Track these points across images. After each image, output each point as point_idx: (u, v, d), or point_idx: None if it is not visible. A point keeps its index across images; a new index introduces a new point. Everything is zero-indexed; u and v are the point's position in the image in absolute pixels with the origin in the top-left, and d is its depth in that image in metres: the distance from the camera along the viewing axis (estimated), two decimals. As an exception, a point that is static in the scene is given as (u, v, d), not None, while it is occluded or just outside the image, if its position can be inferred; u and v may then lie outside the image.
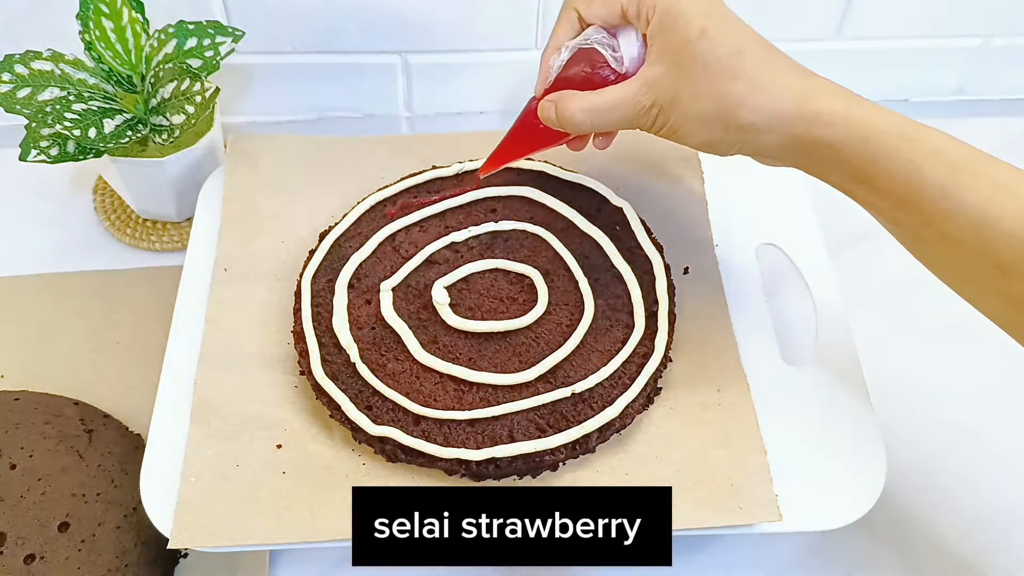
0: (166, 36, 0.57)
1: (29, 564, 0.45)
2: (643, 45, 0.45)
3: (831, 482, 0.46)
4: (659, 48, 0.43)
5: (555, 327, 0.50)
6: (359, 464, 0.47)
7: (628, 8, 0.44)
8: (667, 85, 0.42)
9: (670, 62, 0.42)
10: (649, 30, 0.43)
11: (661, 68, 0.42)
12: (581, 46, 0.46)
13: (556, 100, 0.46)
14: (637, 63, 0.45)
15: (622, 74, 0.45)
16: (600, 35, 0.45)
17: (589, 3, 0.46)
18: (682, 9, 0.42)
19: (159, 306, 0.57)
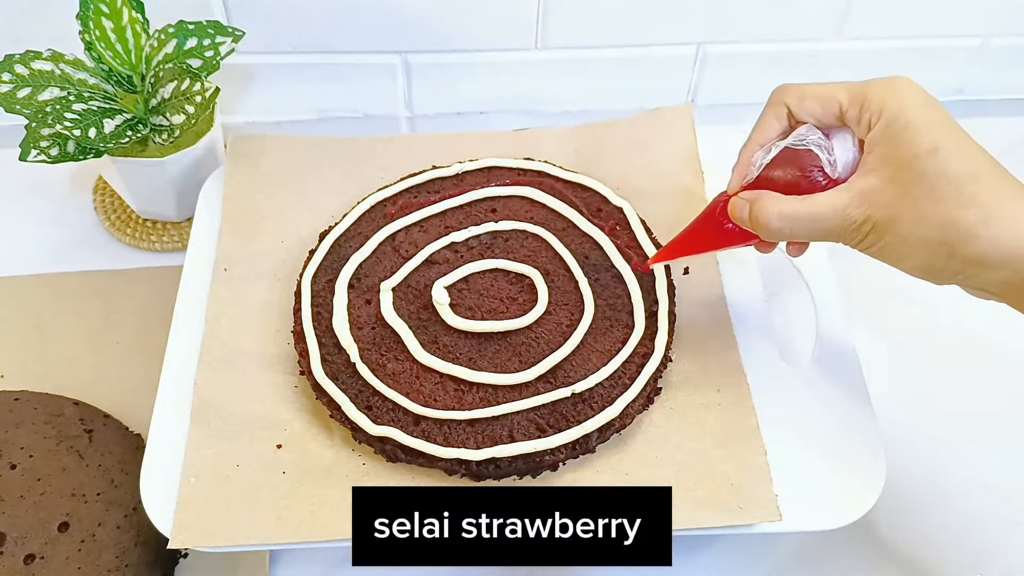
0: (166, 36, 0.57)
1: (29, 564, 0.46)
2: (859, 151, 0.41)
3: (831, 482, 0.46)
4: (879, 158, 0.39)
5: (555, 327, 0.50)
6: (359, 464, 0.47)
7: (848, 110, 0.40)
8: (885, 201, 0.38)
9: (891, 176, 0.38)
10: (870, 136, 0.39)
11: (879, 181, 0.38)
12: (794, 146, 0.42)
13: (752, 200, 0.42)
14: (850, 170, 0.41)
15: (833, 180, 0.41)
16: (816, 136, 0.41)
17: (801, 98, 0.42)
18: (912, 119, 0.38)
19: (159, 306, 0.57)
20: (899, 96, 0.39)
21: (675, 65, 0.70)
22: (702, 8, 0.66)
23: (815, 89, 0.42)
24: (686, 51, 0.69)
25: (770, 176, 0.42)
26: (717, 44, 0.69)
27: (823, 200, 0.40)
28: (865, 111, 0.40)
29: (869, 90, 0.40)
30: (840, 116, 0.41)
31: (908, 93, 0.39)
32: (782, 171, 0.42)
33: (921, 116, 0.38)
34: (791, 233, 0.41)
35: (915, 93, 0.39)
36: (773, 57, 0.70)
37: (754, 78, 0.72)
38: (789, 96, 0.43)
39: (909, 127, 0.38)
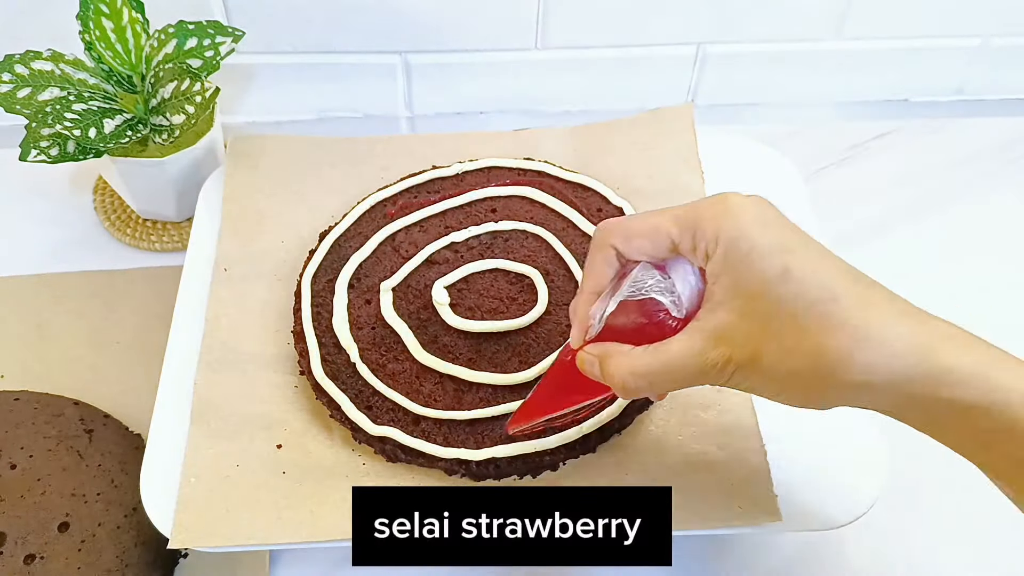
0: (166, 36, 0.57)
1: (29, 564, 0.45)
2: (701, 280, 0.37)
3: (831, 482, 0.46)
4: (726, 289, 0.35)
5: (555, 327, 0.50)
6: (359, 464, 0.47)
7: (680, 241, 0.36)
8: (743, 339, 0.34)
9: (743, 308, 0.34)
10: (711, 266, 0.35)
11: (731, 316, 0.35)
12: (631, 297, 0.38)
13: (600, 356, 0.38)
14: (696, 302, 0.37)
15: (683, 319, 0.37)
16: (654, 279, 0.37)
17: (627, 238, 0.38)
18: (755, 242, 0.34)
19: (159, 306, 0.57)
20: (734, 217, 0.35)
21: (675, 65, 0.70)
22: (702, 8, 0.66)
23: (641, 225, 0.38)
24: (686, 51, 0.69)
25: (615, 325, 0.38)
26: (717, 44, 0.69)
27: (676, 349, 0.36)
28: (700, 239, 0.36)
29: (699, 216, 0.36)
30: (673, 248, 0.37)
31: (743, 212, 0.35)
32: (626, 318, 0.38)
33: (763, 236, 0.34)
34: (650, 387, 0.37)
35: (750, 211, 0.35)
36: (773, 57, 0.70)
37: (754, 78, 0.72)
38: (615, 237, 0.38)
39: (751, 253, 0.34)
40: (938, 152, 0.70)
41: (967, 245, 0.65)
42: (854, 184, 0.68)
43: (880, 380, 0.33)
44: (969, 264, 0.64)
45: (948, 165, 0.70)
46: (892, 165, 0.70)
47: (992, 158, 0.70)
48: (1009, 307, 0.61)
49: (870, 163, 0.70)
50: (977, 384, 0.33)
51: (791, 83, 0.72)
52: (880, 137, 0.71)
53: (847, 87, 0.74)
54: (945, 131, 0.72)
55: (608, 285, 0.39)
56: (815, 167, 0.69)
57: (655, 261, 0.38)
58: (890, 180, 0.69)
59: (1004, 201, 0.67)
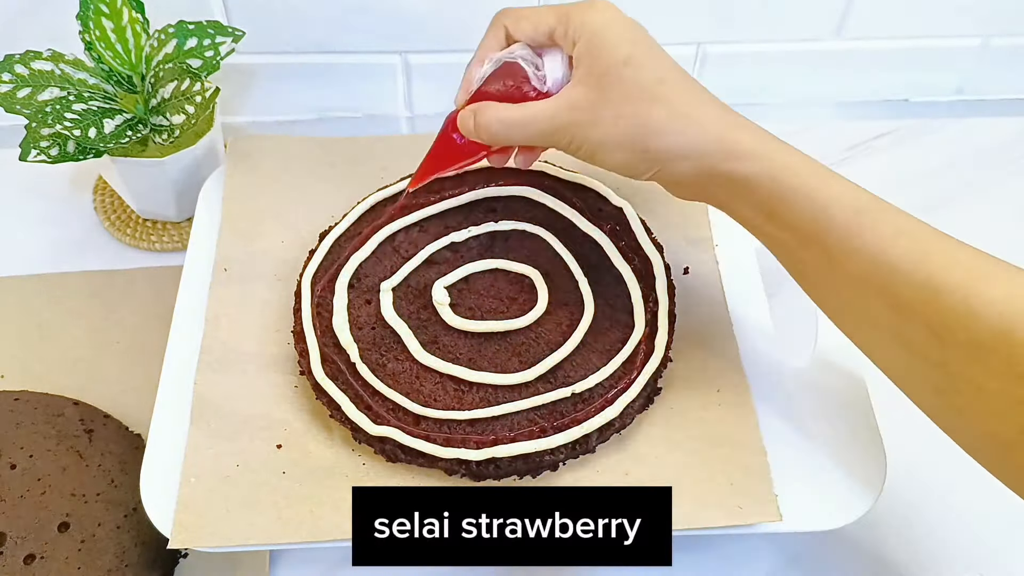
0: (166, 36, 0.57)
1: (29, 564, 0.45)
2: (569, 68, 0.45)
3: (831, 482, 0.46)
4: (584, 71, 0.43)
5: (555, 327, 0.50)
6: (359, 464, 0.47)
7: (556, 29, 0.44)
8: (588, 107, 0.42)
9: (593, 84, 0.42)
10: (575, 52, 0.43)
11: (583, 89, 0.43)
12: (506, 59, 0.46)
13: (476, 110, 0.46)
14: (560, 85, 0.45)
15: (544, 93, 0.45)
16: (525, 51, 0.45)
17: (517, 19, 0.46)
18: (609, 35, 0.42)
19: (159, 306, 0.57)
20: (599, 14, 0.43)
21: (675, 65, 0.70)
22: (702, 8, 0.66)
23: (529, 11, 0.46)
24: (686, 51, 0.69)
25: (487, 90, 0.46)
26: (717, 44, 0.69)
27: (537, 107, 0.44)
28: (571, 29, 0.43)
29: (572, 10, 0.44)
30: (550, 35, 0.45)
31: (606, 12, 0.43)
32: (500, 84, 0.46)
33: (616, 31, 0.42)
34: (508, 136, 0.45)
35: (611, 12, 0.43)
36: (773, 57, 0.70)
37: (754, 78, 0.72)
38: (508, 18, 0.46)
39: (607, 41, 0.42)
40: (938, 152, 0.70)
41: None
42: (854, 184, 0.68)
43: (686, 150, 0.41)
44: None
45: (948, 165, 0.70)
46: (892, 165, 0.70)
47: (992, 158, 0.70)
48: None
49: (870, 163, 0.70)
50: (757, 157, 0.41)
51: (791, 83, 0.72)
52: (880, 137, 0.71)
53: (847, 87, 0.74)
54: (945, 131, 0.72)
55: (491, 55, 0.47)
56: (815, 167, 0.69)
57: (534, 45, 0.46)
58: (890, 180, 0.68)
59: (1004, 201, 0.67)
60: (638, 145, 0.42)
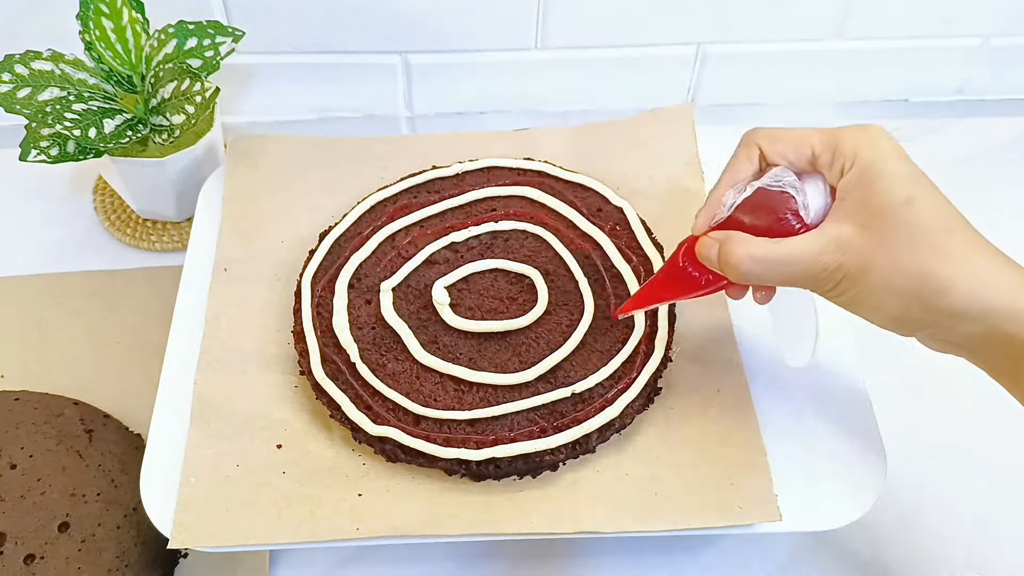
0: (166, 36, 0.57)
1: (29, 564, 0.45)
2: (831, 198, 0.40)
3: (831, 482, 0.46)
4: (853, 205, 0.38)
5: (555, 327, 0.50)
6: (359, 464, 0.47)
7: (821, 154, 0.40)
8: (859, 249, 0.37)
9: (865, 224, 0.37)
10: (842, 183, 0.39)
11: (853, 228, 0.38)
12: (768, 187, 0.40)
13: (722, 240, 0.41)
14: (821, 217, 0.40)
15: (806, 225, 0.40)
16: (792, 178, 0.40)
17: (774, 141, 0.41)
18: (887, 169, 0.38)
19: (159, 306, 0.57)
20: (872, 144, 0.39)
21: (675, 65, 0.70)
22: (702, 8, 0.66)
23: (788, 132, 0.41)
24: (686, 51, 0.69)
25: (740, 219, 0.41)
26: (717, 44, 0.69)
27: (797, 244, 0.39)
28: (838, 157, 0.39)
29: (842, 136, 0.39)
30: (812, 161, 0.40)
31: (881, 142, 0.39)
32: (753, 214, 0.41)
33: (895, 166, 0.38)
34: (761, 276, 0.40)
35: (888, 142, 0.39)
36: (773, 57, 0.70)
37: (754, 78, 0.72)
38: (762, 138, 0.42)
39: (883, 176, 0.38)
40: (938, 152, 0.70)
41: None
42: (854, 184, 0.68)
43: (976, 310, 0.36)
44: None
45: (948, 165, 0.70)
46: (892, 165, 0.69)
47: (992, 158, 0.70)
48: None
49: (870, 163, 0.70)
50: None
51: (791, 83, 0.72)
52: (880, 137, 0.71)
53: (847, 87, 0.74)
54: (945, 131, 0.72)
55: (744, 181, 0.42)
56: (815, 167, 0.69)
57: (794, 169, 0.41)
58: (890, 180, 0.69)
59: (1004, 201, 0.67)
60: (918, 302, 0.37)
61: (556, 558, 0.50)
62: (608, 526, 0.44)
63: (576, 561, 0.50)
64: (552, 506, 0.45)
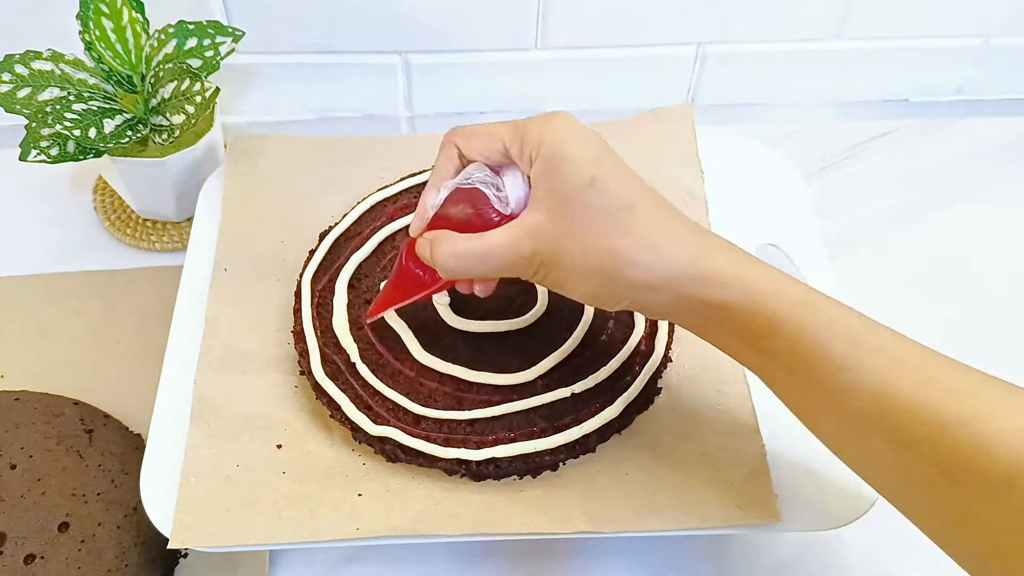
0: (166, 36, 0.57)
1: (29, 564, 0.45)
2: (529, 186, 0.41)
3: (831, 482, 0.46)
4: (543, 193, 0.39)
5: (555, 327, 0.50)
6: (359, 464, 0.47)
7: (510, 147, 0.41)
8: (551, 236, 0.39)
9: (554, 210, 0.39)
10: (533, 172, 0.40)
11: (544, 215, 0.39)
12: (461, 185, 0.42)
13: (432, 239, 0.42)
14: (523, 204, 0.41)
15: (508, 216, 0.41)
16: (483, 173, 0.42)
17: (468, 138, 0.42)
18: (568, 153, 0.39)
19: (159, 306, 0.57)
20: (556, 131, 0.39)
21: (675, 65, 0.70)
22: (702, 8, 0.66)
23: (481, 128, 0.42)
24: (686, 51, 0.69)
25: (447, 215, 0.42)
26: (717, 44, 0.69)
27: (494, 237, 0.40)
28: (526, 147, 0.40)
29: (528, 127, 0.40)
30: (505, 153, 0.41)
31: (564, 128, 0.39)
32: (457, 210, 0.42)
33: (578, 150, 0.39)
34: (467, 270, 0.41)
35: (571, 127, 0.40)
36: (773, 57, 0.70)
37: (754, 78, 0.72)
38: (458, 137, 0.43)
39: (566, 161, 0.38)
40: (938, 152, 0.70)
41: (967, 245, 0.65)
42: (854, 184, 0.68)
43: (658, 279, 0.38)
44: (969, 264, 0.64)
45: (948, 165, 0.70)
46: (892, 165, 0.70)
47: (992, 158, 0.70)
48: (1010, 306, 0.61)
49: (870, 163, 0.70)
50: (737, 284, 0.37)
51: (791, 83, 0.72)
52: (880, 137, 0.71)
53: (847, 87, 0.74)
54: (945, 131, 0.72)
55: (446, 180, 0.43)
56: (815, 167, 0.69)
57: (490, 163, 0.42)
58: (890, 180, 0.69)
59: (1004, 201, 0.67)
60: (608, 279, 0.39)
61: (556, 558, 0.50)
62: (608, 526, 0.44)
63: (576, 561, 0.50)
64: (552, 506, 0.45)
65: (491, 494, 0.46)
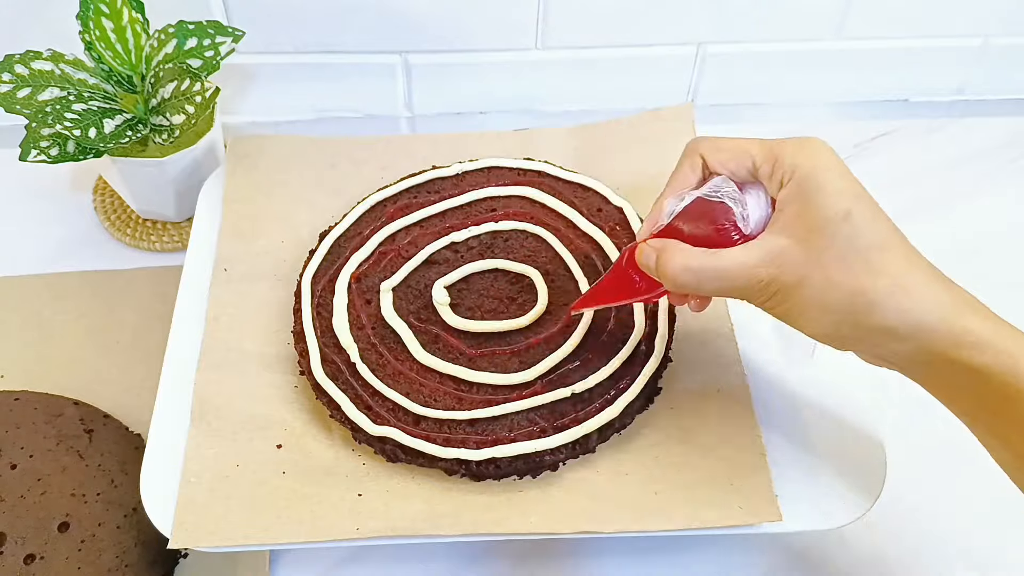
0: (166, 36, 0.57)
1: (29, 564, 0.46)
2: (771, 209, 0.40)
3: (831, 482, 0.46)
4: (790, 218, 0.38)
5: (555, 327, 0.50)
6: (359, 464, 0.47)
7: (761, 165, 0.39)
8: (795, 263, 0.37)
9: (802, 238, 0.37)
10: (782, 195, 0.39)
11: (789, 242, 0.38)
12: (707, 196, 0.40)
13: (660, 248, 0.41)
14: (761, 227, 0.40)
15: (744, 236, 0.40)
16: (731, 188, 0.40)
17: (717, 150, 0.41)
18: (826, 182, 0.37)
19: (159, 306, 0.57)
20: (813, 157, 0.38)
21: (675, 65, 0.70)
22: (702, 8, 0.66)
23: (730, 143, 0.41)
24: (686, 51, 0.69)
25: (680, 227, 0.41)
26: (717, 44, 0.69)
27: (732, 256, 0.39)
28: (778, 168, 0.39)
29: (783, 148, 0.39)
30: (753, 171, 0.40)
31: (822, 155, 0.38)
32: (693, 223, 0.41)
33: (834, 181, 0.37)
34: (696, 286, 0.40)
35: (829, 156, 0.38)
36: (773, 57, 0.70)
37: (754, 78, 0.72)
38: (705, 147, 0.42)
39: (822, 190, 0.37)
40: (938, 152, 0.70)
41: (967, 245, 0.65)
42: (854, 184, 0.68)
43: (907, 328, 0.36)
44: (969, 264, 0.63)
45: (948, 165, 0.70)
46: (892, 165, 0.70)
47: (992, 158, 0.70)
48: (1009, 306, 0.61)
49: (870, 163, 0.70)
50: (990, 348, 0.36)
51: (791, 83, 0.72)
52: (880, 137, 0.71)
53: (847, 87, 0.74)
54: (945, 131, 0.72)
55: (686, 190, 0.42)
56: (815, 167, 0.69)
57: (735, 179, 0.41)
58: (890, 180, 0.69)
59: (1004, 201, 0.67)
60: (850, 318, 0.37)
61: (556, 558, 0.50)
62: (608, 526, 0.44)
63: (576, 561, 0.50)
64: (552, 506, 0.45)
65: (491, 494, 0.46)
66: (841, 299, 0.37)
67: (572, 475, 0.46)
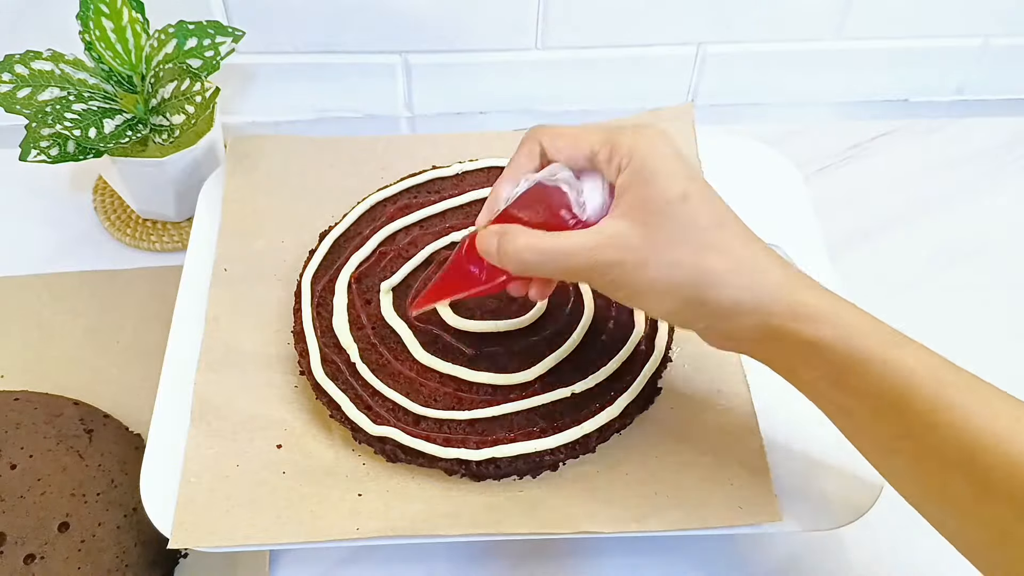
0: (166, 36, 0.57)
1: (29, 564, 0.45)
2: (609, 197, 0.40)
3: (831, 482, 0.46)
4: (630, 203, 0.38)
5: (555, 327, 0.50)
6: (359, 464, 0.47)
7: (599, 152, 0.40)
8: (635, 245, 0.38)
9: (641, 221, 0.38)
10: (620, 180, 0.39)
11: (629, 224, 0.38)
12: (544, 182, 0.41)
13: (501, 232, 0.40)
14: (599, 214, 0.40)
15: (582, 222, 0.40)
16: (567, 174, 0.40)
17: (555, 137, 0.41)
18: (662, 166, 0.38)
19: (159, 306, 0.57)
20: (650, 143, 0.39)
21: (675, 65, 0.70)
22: (702, 8, 0.66)
23: (569, 131, 0.42)
24: (686, 51, 0.69)
25: (517, 213, 0.41)
26: (717, 44, 0.69)
27: (575, 238, 0.39)
28: (615, 154, 0.39)
29: (620, 135, 0.39)
30: (591, 158, 0.40)
31: (659, 141, 0.39)
32: (530, 209, 0.41)
33: (672, 164, 0.38)
34: (540, 268, 0.40)
35: (665, 141, 0.39)
36: (773, 57, 0.70)
37: (754, 78, 0.72)
38: (543, 135, 0.42)
39: (659, 174, 0.38)
40: (938, 152, 0.70)
41: (967, 245, 0.65)
42: (854, 184, 0.68)
43: (748, 304, 0.37)
44: (969, 264, 0.64)
45: (948, 165, 0.70)
46: (892, 165, 0.70)
47: (992, 158, 0.70)
48: (1009, 307, 0.61)
49: (870, 163, 0.70)
50: (827, 320, 0.37)
51: (791, 83, 0.73)
52: (880, 137, 0.71)
53: (847, 87, 0.74)
54: (945, 131, 0.72)
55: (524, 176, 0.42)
56: (815, 167, 0.69)
57: (573, 167, 0.41)
58: (890, 180, 0.69)
59: (1004, 201, 0.67)
60: (693, 296, 0.38)
61: (556, 558, 0.50)
62: (608, 526, 0.44)
63: (576, 561, 0.50)
64: (552, 506, 0.45)
65: (491, 494, 0.46)
66: (684, 278, 0.37)
67: (572, 475, 0.46)
